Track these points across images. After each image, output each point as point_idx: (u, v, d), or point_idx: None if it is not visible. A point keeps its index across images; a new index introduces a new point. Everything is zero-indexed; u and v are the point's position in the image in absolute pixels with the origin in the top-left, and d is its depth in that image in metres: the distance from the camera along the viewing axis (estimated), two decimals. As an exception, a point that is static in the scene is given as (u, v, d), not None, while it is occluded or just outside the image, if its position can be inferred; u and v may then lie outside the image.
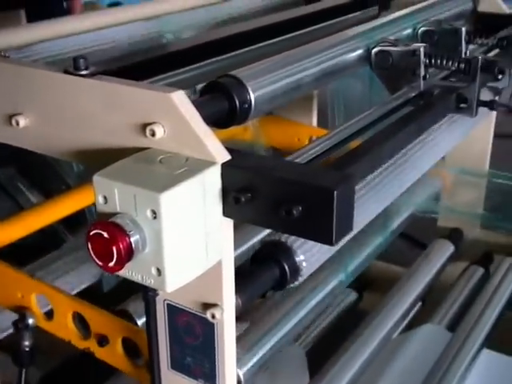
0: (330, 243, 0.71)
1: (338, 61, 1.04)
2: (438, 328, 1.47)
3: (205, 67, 1.01)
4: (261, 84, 0.88)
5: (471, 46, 1.24)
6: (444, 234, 1.72)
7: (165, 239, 0.69)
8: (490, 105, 1.03)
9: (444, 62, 1.05)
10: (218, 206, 0.75)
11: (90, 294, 1.35)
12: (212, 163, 0.74)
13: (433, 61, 1.06)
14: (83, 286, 1.44)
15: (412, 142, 0.98)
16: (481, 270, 1.66)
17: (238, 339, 0.84)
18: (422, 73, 1.06)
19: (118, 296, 1.21)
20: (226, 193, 0.75)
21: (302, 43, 1.11)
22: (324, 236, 0.71)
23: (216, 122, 0.86)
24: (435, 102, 1.02)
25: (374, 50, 1.09)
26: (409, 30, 1.23)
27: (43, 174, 1.68)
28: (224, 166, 0.74)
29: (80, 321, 1.04)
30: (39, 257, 1.48)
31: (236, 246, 0.81)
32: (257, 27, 1.13)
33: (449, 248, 1.66)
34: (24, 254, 1.42)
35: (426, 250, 1.67)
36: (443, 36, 1.21)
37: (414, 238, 2.09)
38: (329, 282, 1.26)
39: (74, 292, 1.42)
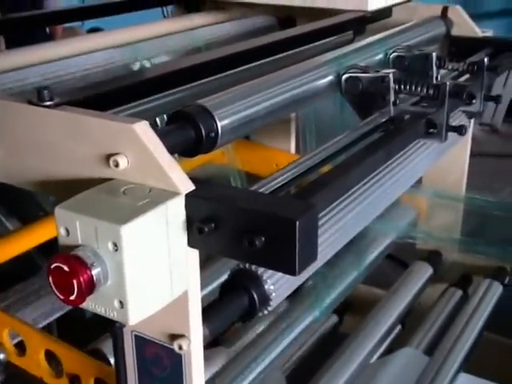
0: (293, 273, 0.70)
1: (307, 87, 1.05)
2: (415, 352, 1.46)
3: (174, 95, 1.01)
4: (228, 113, 0.88)
5: (443, 71, 1.25)
6: (423, 256, 1.72)
7: (127, 271, 0.69)
8: (459, 130, 1.04)
9: (413, 88, 1.06)
10: (182, 237, 0.75)
11: (74, 319, 1.34)
12: (175, 194, 0.74)
13: (402, 87, 1.06)
14: (63, 312, 1.42)
15: (380, 168, 0.98)
16: (459, 293, 1.65)
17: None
18: (392, 99, 1.06)
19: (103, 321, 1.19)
20: (190, 223, 0.74)
21: (274, 69, 1.12)
22: (287, 266, 0.70)
23: (182, 151, 0.85)
24: (404, 128, 1.03)
25: (344, 77, 1.09)
26: (380, 56, 1.24)
27: (20, 200, 1.66)
28: (188, 196, 0.74)
29: (52, 358, 1.03)
30: (16, 284, 1.46)
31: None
32: (229, 54, 1.13)
33: (427, 270, 1.66)
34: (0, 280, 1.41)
35: (404, 273, 1.67)
36: (414, 61, 1.22)
37: (396, 257, 2.09)
38: (304, 319, 1.25)
39: (54, 317, 1.40)
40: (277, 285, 0.90)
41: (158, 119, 1.03)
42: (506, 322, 1.67)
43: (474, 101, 1.18)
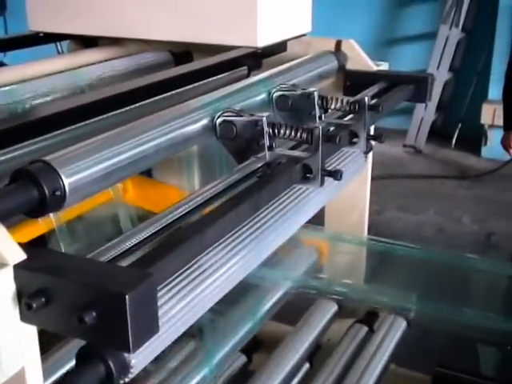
0: (127, 350, 0.64)
1: (178, 133, 0.99)
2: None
3: (25, 148, 0.94)
4: (76, 169, 0.81)
5: (330, 111, 1.21)
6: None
7: None
8: (334, 175, 1.00)
9: (287, 132, 1.01)
10: (13, 311, 0.68)
11: None
12: (3, 265, 0.67)
13: (276, 131, 1.02)
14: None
15: (249, 219, 0.92)
16: (365, 329, 1.62)
17: None
18: (267, 143, 1.02)
19: None
20: (21, 297, 0.68)
21: (149, 113, 1.06)
22: (120, 343, 0.64)
23: (25, 212, 0.78)
24: (279, 174, 0.98)
25: (218, 120, 1.04)
26: (263, 96, 1.20)
27: None
28: (16, 267, 0.67)
29: None
30: None
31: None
32: (100, 98, 1.07)
33: (332, 307, 1.62)
34: None
35: (309, 310, 1.63)
36: (297, 101, 1.18)
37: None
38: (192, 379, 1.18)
39: None
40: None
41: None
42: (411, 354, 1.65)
43: (355, 140, 1.16)
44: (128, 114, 1.14)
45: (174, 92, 1.27)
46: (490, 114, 4.26)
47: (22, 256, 0.68)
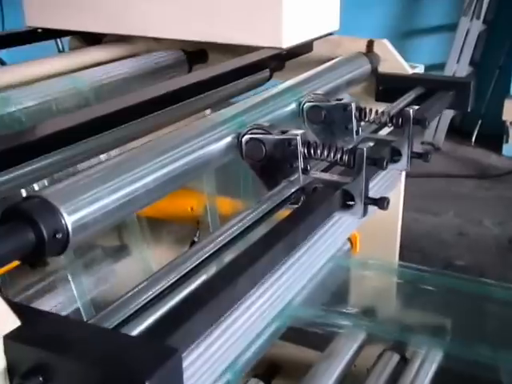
0: None
1: (198, 155, 0.87)
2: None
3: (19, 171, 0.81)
4: (81, 204, 0.69)
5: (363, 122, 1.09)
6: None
7: None
8: (380, 203, 0.87)
9: (325, 153, 0.89)
10: (3, 391, 0.56)
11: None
12: (-10, 335, 0.54)
13: (312, 151, 0.89)
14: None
15: (280, 268, 0.79)
16: (396, 357, 1.50)
17: None
18: (301, 165, 0.89)
19: None
20: (12, 376, 0.55)
21: (164, 123, 0.94)
22: None
23: (20, 259, 0.66)
24: (317, 203, 0.85)
25: (245, 138, 0.92)
26: (292, 106, 1.07)
27: None
28: (8, 338, 0.55)
29: None
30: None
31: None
32: (103, 114, 0.94)
33: (361, 334, 1.50)
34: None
35: (336, 338, 1.51)
36: (331, 112, 1.06)
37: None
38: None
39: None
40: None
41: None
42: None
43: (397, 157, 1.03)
44: (139, 126, 1.01)
45: (191, 100, 1.14)
46: (512, 110, 4.12)
47: (14, 322, 0.56)
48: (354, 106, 1.03)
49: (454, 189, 4.00)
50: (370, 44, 1.40)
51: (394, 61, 1.41)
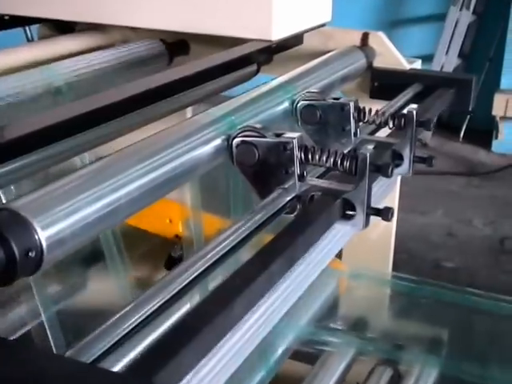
0: None
1: (184, 161, 0.82)
2: None
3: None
4: (56, 217, 0.64)
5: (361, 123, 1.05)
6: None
7: None
8: (384, 214, 0.83)
9: (324, 158, 0.85)
10: None
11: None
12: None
13: (310, 156, 0.85)
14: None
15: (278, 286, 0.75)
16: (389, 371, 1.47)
17: None
18: (297, 171, 0.85)
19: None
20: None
21: (143, 123, 0.89)
22: None
23: (-14, 280, 0.61)
24: (316, 213, 0.81)
25: (236, 141, 0.87)
26: (285, 105, 1.03)
27: None
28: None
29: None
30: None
31: None
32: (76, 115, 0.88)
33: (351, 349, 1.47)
34: None
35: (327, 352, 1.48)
36: (327, 112, 1.02)
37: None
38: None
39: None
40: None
41: None
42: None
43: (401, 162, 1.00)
44: (118, 125, 0.97)
45: (173, 97, 1.09)
46: (503, 104, 4.13)
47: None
48: (352, 105, 0.99)
49: (442, 187, 3.99)
50: (365, 37, 1.36)
51: (390, 55, 1.37)
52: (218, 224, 1.35)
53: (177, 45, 1.46)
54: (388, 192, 1.23)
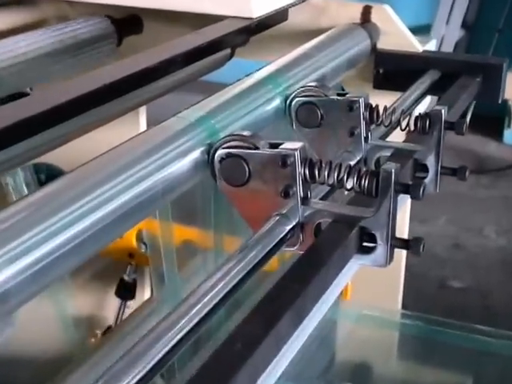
0: None
1: (157, 182, 0.78)
2: None
3: None
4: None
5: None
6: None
7: None
8: (415, 247, 0.79)
9: (335, 175, 0.81)
10: None
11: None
12: None
13: (316, 173, 0.81)
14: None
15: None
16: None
17: None
18: (300, 193, 0.81)
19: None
20: None
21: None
22: None
23: None
24: (328, 250, 0.77)
25: (219, 154, 0.83)
26: (276, 102, 0.99)
27: None
28: None
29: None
30: None
31: None
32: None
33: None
34: None
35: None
36: (330, 111, 0.98)
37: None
38: None
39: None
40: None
41: None
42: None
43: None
44: (61, 130, 0.92)
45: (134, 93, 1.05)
46: (516, 85, 4.16)
47: None
48: (362, 102, 0.95)
49: (444, 187, 3.96)
50: (367, 11, 1.34)
51: (397, 34, 1.35)
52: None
53: (127, 21, 1.42)
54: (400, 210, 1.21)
